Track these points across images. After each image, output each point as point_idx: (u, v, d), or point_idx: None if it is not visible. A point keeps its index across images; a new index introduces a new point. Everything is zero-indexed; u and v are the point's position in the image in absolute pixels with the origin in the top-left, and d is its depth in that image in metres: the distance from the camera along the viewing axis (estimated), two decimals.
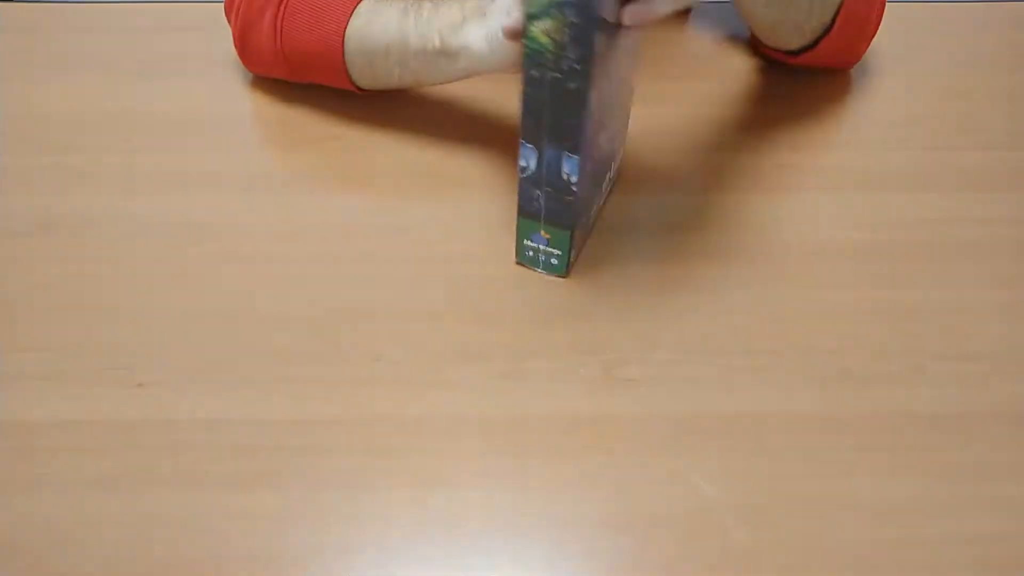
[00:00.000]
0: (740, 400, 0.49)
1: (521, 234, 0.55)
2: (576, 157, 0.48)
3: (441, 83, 0.61)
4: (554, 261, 0.55)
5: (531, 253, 0.55)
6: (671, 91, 0.69)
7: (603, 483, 0.46)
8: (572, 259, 0.55)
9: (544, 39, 0.44)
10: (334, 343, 0.52)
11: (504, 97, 0.66)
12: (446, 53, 0.56)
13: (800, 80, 0.70)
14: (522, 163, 0.50)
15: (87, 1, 0.77)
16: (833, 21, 0.62)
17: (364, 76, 0.62)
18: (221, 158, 0.63)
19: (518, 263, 0.56)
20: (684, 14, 0.77)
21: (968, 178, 0.63)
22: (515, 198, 0.53)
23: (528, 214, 0.53)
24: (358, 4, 0.60)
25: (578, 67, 0.44)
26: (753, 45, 0.72)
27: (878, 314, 0.54)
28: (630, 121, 0.59)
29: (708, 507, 0.45)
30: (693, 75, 0.72)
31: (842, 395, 0.50)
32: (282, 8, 0.61)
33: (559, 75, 0.45)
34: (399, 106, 0.66)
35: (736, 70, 0.72)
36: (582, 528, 0.44)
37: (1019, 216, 0.60)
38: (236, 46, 0.65)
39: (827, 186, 0.62)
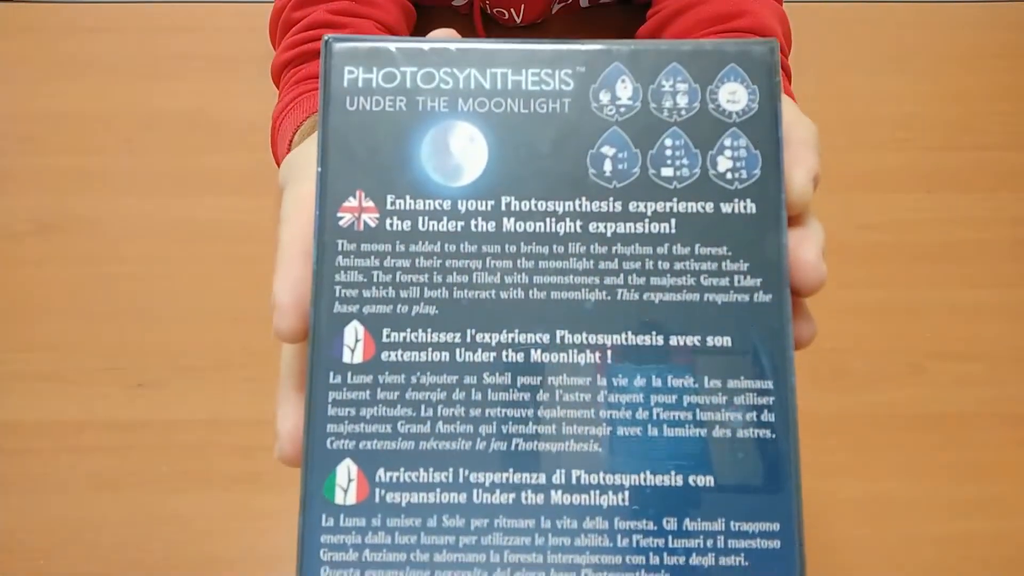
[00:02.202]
0: None
1: None
2: None
3: None
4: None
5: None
6: None
7: None
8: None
9: None
10: None
11: None
12: None
13: (800, 81, 0.70)
14: None
15: (87, 1, 0.77)
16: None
17: None
18: (221, 158, 0.63)
19: None
20: None
21: (968, 178, 0.63)
22: None
23: None
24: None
25: None
26: None
27: (878, 314, 0.54)
28: None
29: None
30: None
31: (842, 395, 0.50)
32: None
33: None
34: None
35: None
36: None
37: (1019, 216, 0.60)
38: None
39: (827, 186, 0.62)
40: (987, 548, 0.44)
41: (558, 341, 0.22)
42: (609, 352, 0.22)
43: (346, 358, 0.22)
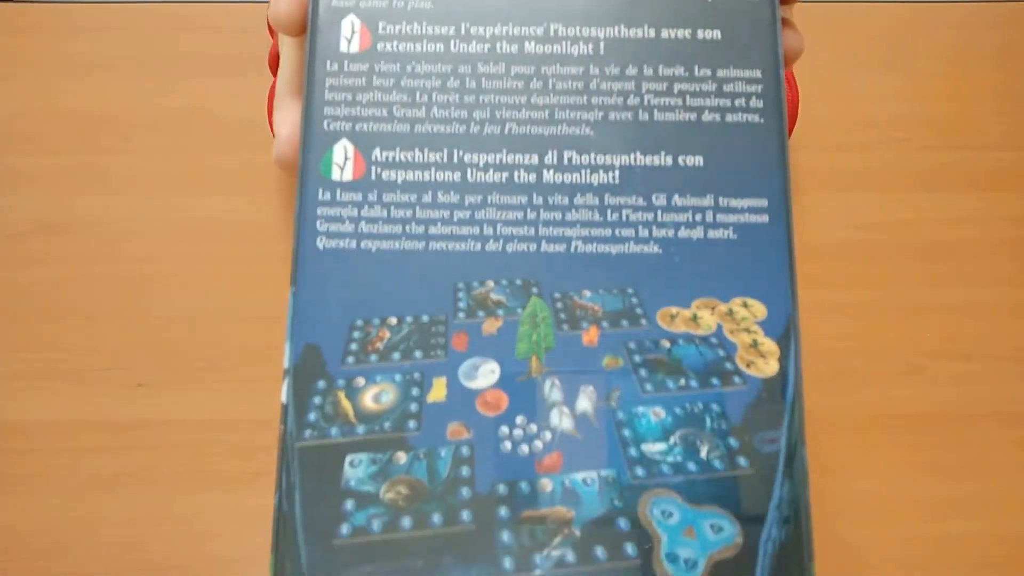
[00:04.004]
0: None
1: None
2: None
3: None
4: None
5: None
6: None
7: None
8: None
9: None
10: None
11: None
12: None
13: (798, 80, 0.70)
14: None
15: (87, 1, 0.77)
16: None
17: None
18: (221, 158, 0.63)
19: None
20: None
21: (968, 178, 0.63)
22: None
23: None
24: None
25: None
26: None
27: (878, 314, 0.54)
28: None
29: None
30: None
31: (842, 395, 0.50)
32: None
33: None
34: None
35: None
36: None
37: (1019, 216, 0.60)
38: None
39: (826, 186, 0.62)
40: (987, 548, 0.44)
41: (551, 34, 0.23)
42: (601, 44, 0.23)
43: (343, 48, 0.23)
